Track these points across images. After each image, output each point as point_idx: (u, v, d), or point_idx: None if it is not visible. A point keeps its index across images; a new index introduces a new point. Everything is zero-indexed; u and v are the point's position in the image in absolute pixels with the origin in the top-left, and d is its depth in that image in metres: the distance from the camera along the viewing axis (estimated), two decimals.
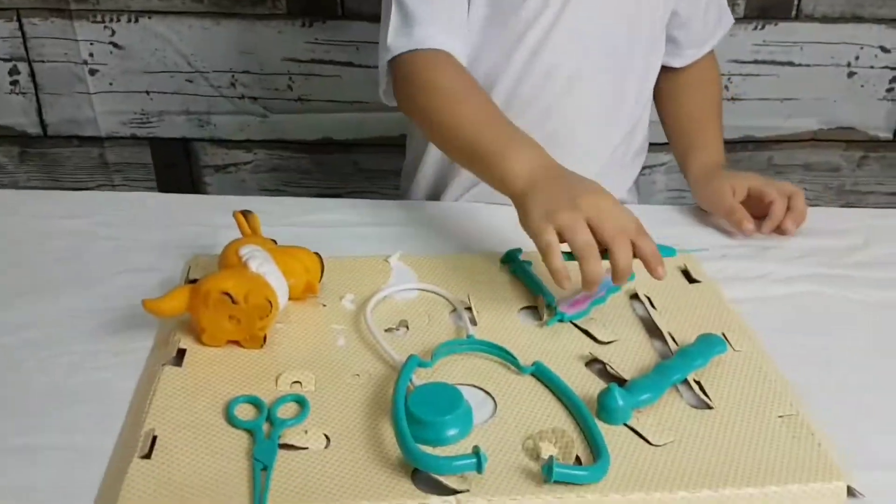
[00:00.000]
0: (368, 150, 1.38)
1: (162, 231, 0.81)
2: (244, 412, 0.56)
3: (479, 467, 0.49)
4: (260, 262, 0.64)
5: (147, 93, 1.31)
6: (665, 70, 0.97)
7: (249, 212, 0.72)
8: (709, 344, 0.63)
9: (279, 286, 0.64)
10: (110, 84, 1.30)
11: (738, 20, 1.24)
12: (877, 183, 1.41)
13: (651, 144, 1.35)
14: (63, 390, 0.59)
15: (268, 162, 1.39)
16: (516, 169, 0.69)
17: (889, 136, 1.36)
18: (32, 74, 1.29)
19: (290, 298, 0.67)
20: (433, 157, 0.95)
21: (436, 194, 0.97)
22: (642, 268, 0.69)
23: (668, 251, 0.69)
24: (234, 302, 0.60)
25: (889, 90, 1.31)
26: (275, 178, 1.41)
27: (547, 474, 0.49)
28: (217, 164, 1.39)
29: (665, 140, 1.33)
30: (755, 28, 1.26)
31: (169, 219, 0.84)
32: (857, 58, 1.28)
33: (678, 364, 0.61)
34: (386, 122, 1.33)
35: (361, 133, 1.36)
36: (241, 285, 0.61)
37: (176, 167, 1.38)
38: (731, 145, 1.36)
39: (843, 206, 1.42)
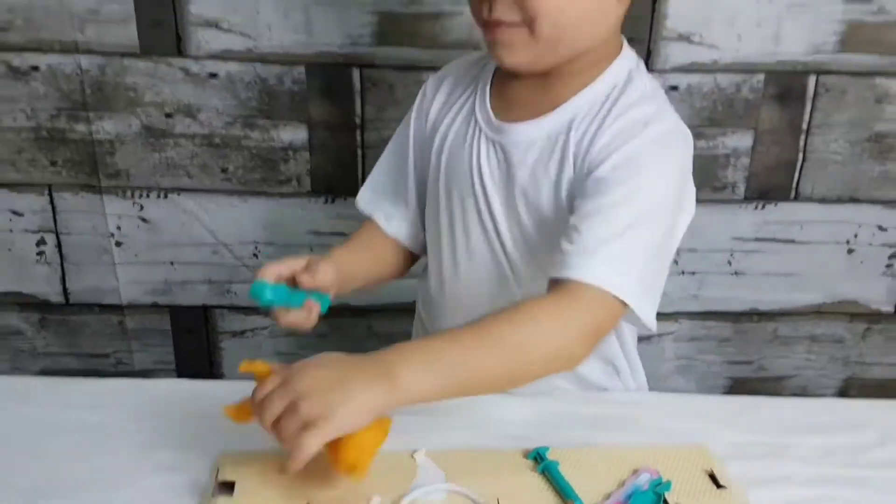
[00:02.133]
0: (382, 314, 1.41)
1: (187, 425, 0.81)
2: None
3: None
4: None
5: (171, 263, 1.35)
6: None
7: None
8: None
9: None
10: (135, 256, 1.34)
11: (738, 201, 1.31)
12: (881, 354, 1.43)
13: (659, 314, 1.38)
14: None
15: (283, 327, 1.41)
16: None
17: (891, 309, 1.39)
18: (59, 246, 1.33)
19: None
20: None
21: None
22: (674, 472, 0.70)
23: None
24: None
25: (888, 266, 1.36)
26: (290, 342, 1.43)
27: None
28: (234, 330, 1.41)
29: (672, 309, 1.38)
30: (756, 208, 1.31)
31: (193, 410, 0.84)
32: (855, 236, 1.33)
33: None
34: (399, 288, 1.36)
35: (375, 299, 1.39)
36: None
37: (193, 333, 1.40)
38: (737, 316, 1.40)
39: (848, 378, 1.44)
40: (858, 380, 1.43)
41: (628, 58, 0.85)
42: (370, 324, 1.42)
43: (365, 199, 0.98)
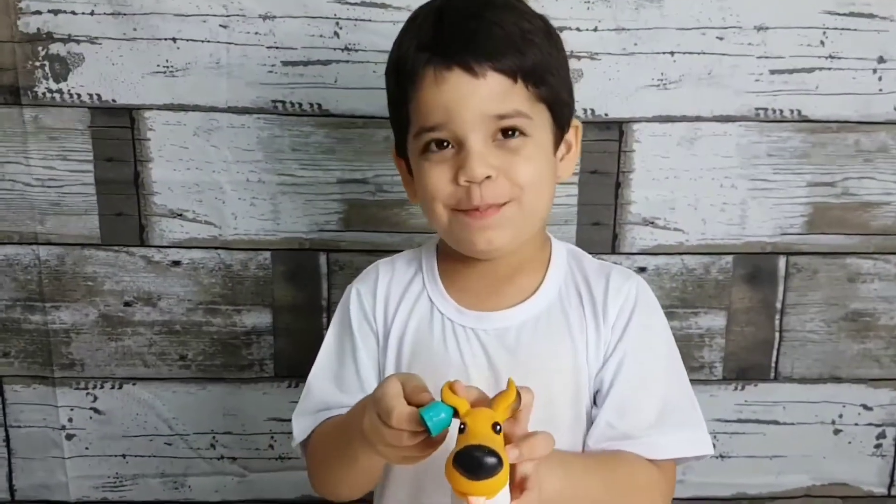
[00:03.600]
0: None
1: None
2: None
3: None
4: None
5: (123, 456, 1.27)
6: None
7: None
8: None
9: None
10: (86, 448, 1.26)
11: (717, 381, 1.27)
12: None
13: None
14: None
15: None
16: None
17: (884, 491, 1.33)
18: (7, 440, 1.26)
19: None
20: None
21: None
22: None
23: None
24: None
25: (877, 446, 1.31)
26: None
27: None
28: None
29: None
30: (735, 389, 1.27)
31: None
32: (840, 416, 1.29)
33: None
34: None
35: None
36: None
37: None
38: (724, 502, 1.32)
39: None
40: None
41: (556, 239, 0.92)
42: None
43: (306, 425, 0.90)
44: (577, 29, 1.12)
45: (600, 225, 1.20)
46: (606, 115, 1.15)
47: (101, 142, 1.16)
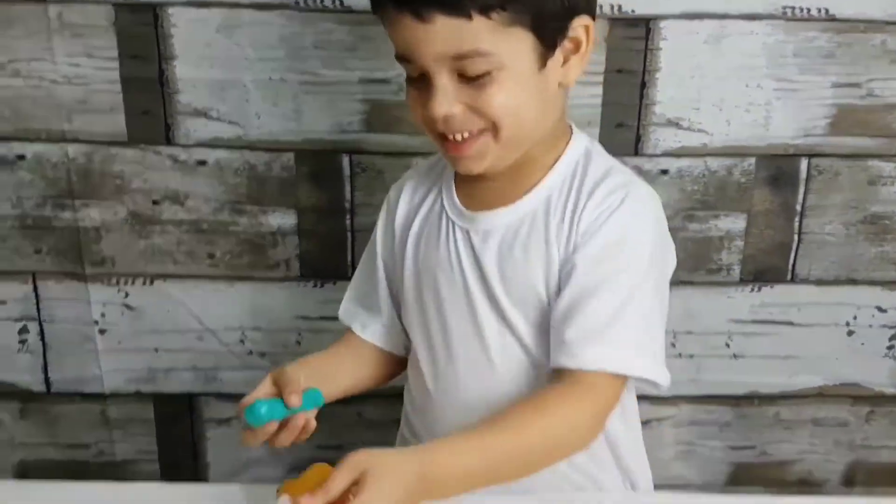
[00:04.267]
0: (372, 401, 1.37)
1: None
2: None
3: None
4: None
5: (156, 350, 1.31)
6: None
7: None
8: None
9: None
10: (119, 343, 1.31)
11: (734, 283, 1.29)
12: (887, 437, 1.39)
13: (655, 398, 1.36)
14: None
15: None
16: None
17: (894, 391, 1.36)
18: (42, 334, 1.30)
19: None
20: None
21: None
22: None
23: None
24: None
25: (889, 348, 1.33)
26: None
27: None
28: (220, 418, 1.37)
29: (671, 394, 1.34)
30: (752, 290, 1.29)
31: None
32: (854, 318, 1.31)
33: None
34: None
35: None
36: None
37: (177, 422, 1.36)
38: (737, 400, 1.36)
39: (854, 462, 1.40)
40: (864, 464, 1.39)
41: (581, 137, 0.89)
42: (360, 411, 1.38)
43: (344, 309, 1.02)
44: None
45: (624, 126, 1.20)
46: (633, 11, 1.14)
47: (125, 39, 1.16)
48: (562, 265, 0.82)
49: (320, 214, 1.26)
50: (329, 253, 1.28)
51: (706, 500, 0.89)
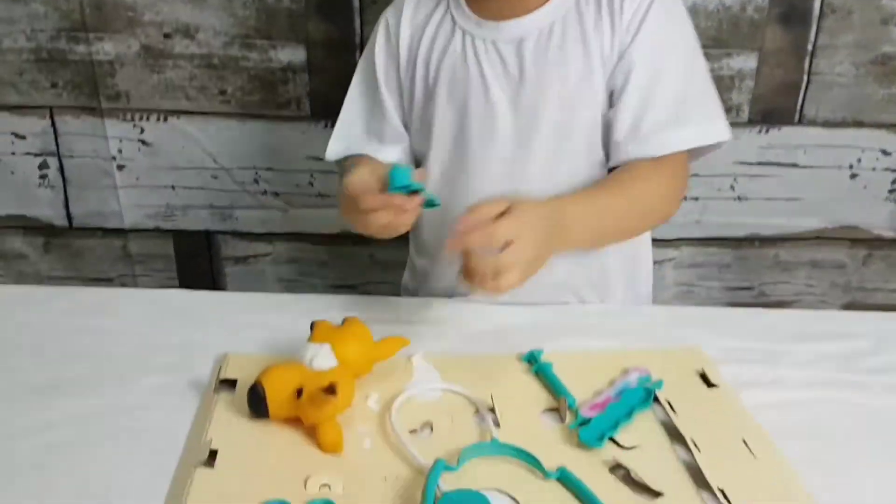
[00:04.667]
0: (383, 243, 1.41)
1: (188, 330, 0.83)
2: None
3: None
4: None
5: (172, 187, 1.35)
6: None
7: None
8: None
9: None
10: (137, 179, 1.34)
11: (742, 124, 1.30)
12: (882, 280, 1.43)
13: (657, 240, 1.39)
14: (92, 493, 0.60)
15: (286, 254, 1.42)
16: None
17: (893, 234, 1.39)
18: (62, 169, 1.34)
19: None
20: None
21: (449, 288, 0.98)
22: (665, 372, 0.71)
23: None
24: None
25: (891, 191, 1.35)
26: (292, 270, 1.44)
27: None
28: (237, 256, 1.42)
29: (674, 236, 1.38)
30: (759, 132, 1.31)
31: (194, 317, 0.86)
32: (859, 160, 1.33)
33: None
34: None
35: None
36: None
37: (197, 258, 1.42)
38: (738, 242, 1.40)
39: (850, 303, 1.44)
40: (859, 306, 1.44)
41: None
42: (372, 252, 1.43)
43: (336, 151, 0.98)
44: None
45: None
46: None
47: None
48: (614, 60, 0.86)
49: (330, 50, 1.26)
50: (340, 91, 1.28)
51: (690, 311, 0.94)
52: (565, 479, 0.61)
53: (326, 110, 1.30)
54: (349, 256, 1.43)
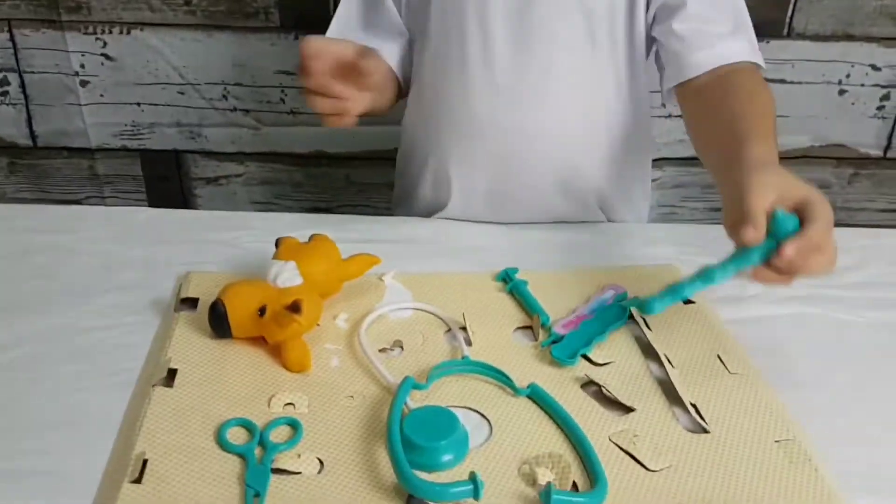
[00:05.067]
0: (360, 163, 1.38)
1: (151, 247, 0.80)
2: (236, 436, 0.56)
3: (475, 494, 0.49)
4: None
5: (138, 104, 1.30)
6: (686, 89, 0.84)
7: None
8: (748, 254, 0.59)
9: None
10: (101, 95, 1.29)
11: None
12: (867, 200, 1.41)
13: None
14: (48, 413, 0.58)
15: (259, 175, 1.38)
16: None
17: (879, 153, 1.36)
18: (23, 85, 1.28)
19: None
20: (428, 174, 0.94)
21: (432, 210, 0.95)
22: (642, 289, 0.69)
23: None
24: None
25: (879, 108, 1.32)
26: (266, 191, 1.40)
27: (545, 501, 0.49)
28: (208, 177, 1.38)
29: (657, 156, 1.35)
30: None
31: (158, 234, 0.83)
32: (848, 76, 1.29)
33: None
34: (378, 135, 1.32)
35: (353, 146, 1.36)
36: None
37: (166, 179, 1.38)
38: None
39: (834, 224, 1.42)
40: (843, 225, 1.40)
41: None
42: (348, 173, 1.39)
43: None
44: None
45: None
46: None
47: None
48: None
49: None
50: (309, 0, 1.23)
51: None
52: (536, 396, 0.60)
53: (297, 21, 1.24)
54: (325, 177, 1.40)
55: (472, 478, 0.49)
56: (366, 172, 1.39)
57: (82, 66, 1.26)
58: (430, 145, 0.92)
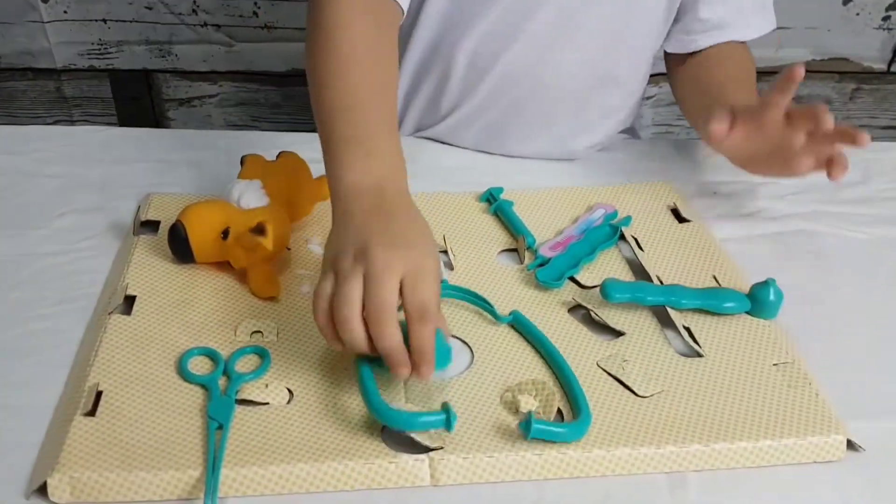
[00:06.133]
0: None
1: (111, 168, 0.75)
2: (199, 366, 0.52)
3: (448, 425, 0.45)
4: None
5: (104, 21, 1.22)
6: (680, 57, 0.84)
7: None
8: (721, 296, 0.58)
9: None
10: (65, 12, 1.21)
11: None
12: (869, 116, 1.36)
13: None
14: (0, 342, 0.55)
15: (234, 95, 1.31)
16: (345, 180, 0.53)
17: (883, 67, 1.30)
18: None
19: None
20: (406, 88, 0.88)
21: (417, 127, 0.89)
22: (634, 208, 0.65)
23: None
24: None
25: (884, 19, 1.25)
26: (242, 113, 1.34)
27: (525, 431, 0.46)
28: (181, 98, 1.31)
29: (652, 72, 1.28)
30: None
31: (120, 155, 0.78)
32: None
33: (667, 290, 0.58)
34: None
35: None
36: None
37: (138, 101, 1.31)
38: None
39: None
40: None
41: None
42: None
43: None
44: None
45: None
46: None
47: None
48: None
49: None
50: None
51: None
52: (518, 324, 0.56)
53: None
54: (304, 97, 1.32)
55: (445, 408, 0.46)
56: None
57: None
58: (432, 61, 0.85)
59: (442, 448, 0.46)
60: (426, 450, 0.46)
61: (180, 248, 0.59)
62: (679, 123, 1.36)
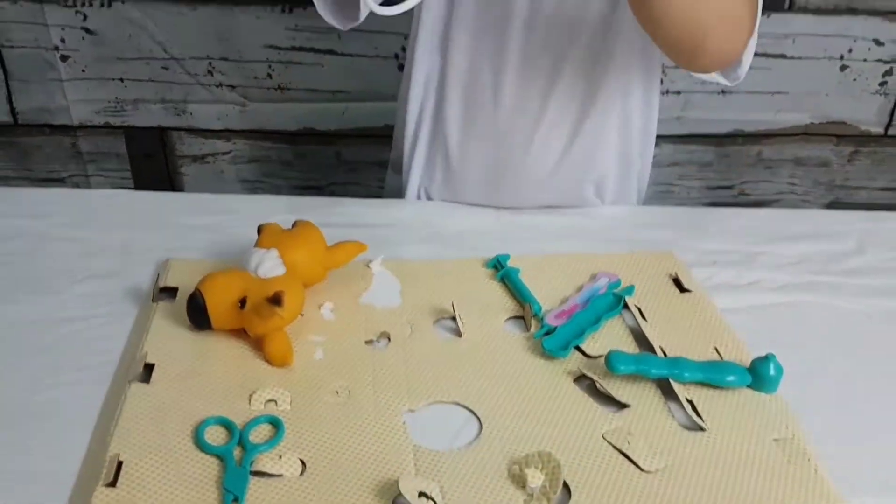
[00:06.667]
0: (351, 141, 1.34)
1: (130, 233, 0.77)
2: (215, 435, 0.53)
3: None
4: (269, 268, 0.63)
5: (121, 80, 1.26)
6: None
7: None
8: (723, 370, 0.60)
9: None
10: (83, 71, 1.25)
11: None
12: (867, 178, 1.38)
13: None
14: (20, 410, 0.56)
15: (247, 153, 1.35)
16: None
17: (881, 130, 1.33)
18: (2, 60, 1.24)
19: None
20: (422, 147, 0.90)
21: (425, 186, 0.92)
22: (637, 277, 0.67)
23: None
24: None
25: (882, 84, 1.29)
26: (254, 170, 1.37)
27: None
28: (195, 155, 1.35)
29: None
30: None
31: (137, 219, 0.80)
32: (850, 51, 1.25)
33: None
34: (369, 112, 1.29)
35: (344, 123, 1.32)
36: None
37: (152, 157, 1.34)
38: (720, 139, 1.34)
39: (833, 202, 1.40)
40: (842, 204, 1.40)
41: None
42: (339, 150, 1.36)
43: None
44: None
45: None
46: None
47: None
48: None
49: None
50: None
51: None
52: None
53: None
54: (315, 155, 1.36)
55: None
56: (356, 150, 1.35)
57: (62, 40, 1.22)
58: (431, 121, 0.88)
59: None
60: None
61: (198, 316, 0.61)
62: (679, 183, 1.39)
